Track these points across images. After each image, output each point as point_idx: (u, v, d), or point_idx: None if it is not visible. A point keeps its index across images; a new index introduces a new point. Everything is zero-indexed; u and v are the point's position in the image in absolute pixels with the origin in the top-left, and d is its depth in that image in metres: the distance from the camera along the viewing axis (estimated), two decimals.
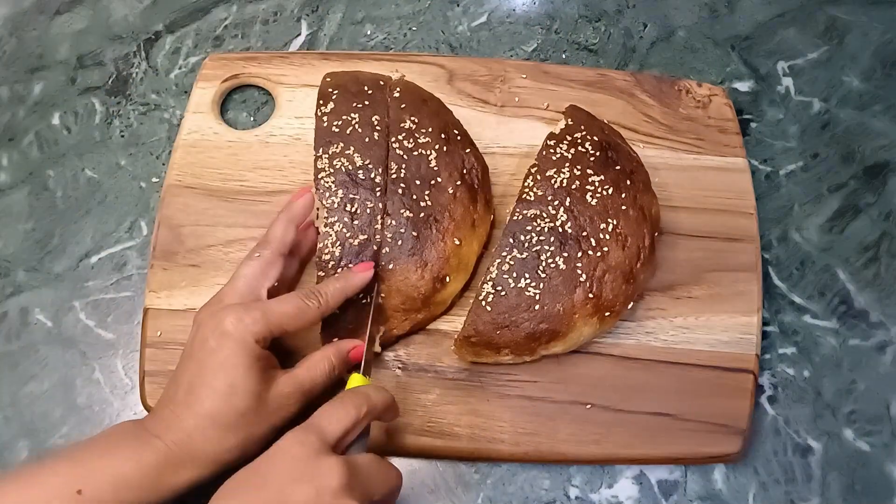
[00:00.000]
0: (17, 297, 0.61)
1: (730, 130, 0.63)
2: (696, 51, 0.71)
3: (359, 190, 0.53)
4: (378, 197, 0.53)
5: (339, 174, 0.53)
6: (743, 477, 0.53)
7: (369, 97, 0.56)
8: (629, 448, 0.52)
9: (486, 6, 0.74)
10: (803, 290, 0.60)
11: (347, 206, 0.52)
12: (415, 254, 0.52)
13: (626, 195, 0.53)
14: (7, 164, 0.67)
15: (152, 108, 0.70)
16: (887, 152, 0.65)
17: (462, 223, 0.54)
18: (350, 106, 0.56)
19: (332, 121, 0.55)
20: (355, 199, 0.52)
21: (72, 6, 0.76)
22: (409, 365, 0.55)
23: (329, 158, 0.54)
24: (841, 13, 0.72)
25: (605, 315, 0.52)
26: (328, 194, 0.53)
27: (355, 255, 0.51)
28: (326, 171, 0.53)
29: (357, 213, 0.52)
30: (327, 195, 0.53)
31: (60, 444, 0.55)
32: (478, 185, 0.56)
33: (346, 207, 0.52)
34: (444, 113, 0.59)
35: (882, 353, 0.57)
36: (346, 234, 0.52)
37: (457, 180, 0.55)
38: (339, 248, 0.51)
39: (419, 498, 0.53)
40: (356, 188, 0.53)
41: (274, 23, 0.74)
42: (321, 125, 0.55)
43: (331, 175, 0.53)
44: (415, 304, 0.53)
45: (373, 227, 0.52)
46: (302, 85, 0.65)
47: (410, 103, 0.57)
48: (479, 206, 0.55)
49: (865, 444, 0.54)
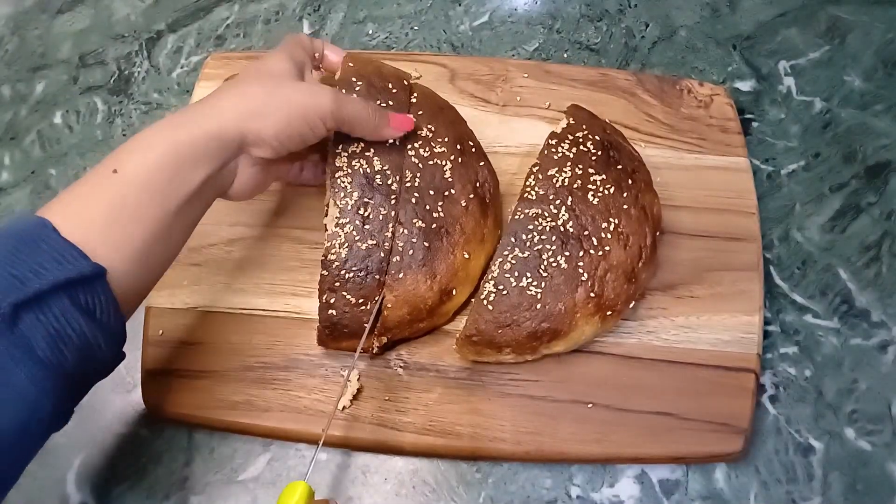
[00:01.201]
0: None
1: (731, 130, 0.63)
2: (697, 50, 0.71)
3: (374, 195, 0.52)
4: (392, 205, 0.52)
5: (357, 176, 0.52)
6: (744, 476, 0.53)
7: (394, 97, 0.54)
8: (631, 447, 0.52)
9: (488, 5, 0.74)
10: (805, 290, 0.60)
11: (361, 210, 0.51)
12: (425, 265, 0.52)
13: (627, 194, 0.53)
14: (9, 162, 0.68)
15: (154, 107, 0.70)
16: (889, 152, 0.65)
17: (472, 237, 0.53)
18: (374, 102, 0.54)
19: None
20: (369, 204, 0.51)
21: (74, 5, 0.76)
22: (411, 364, 0.55)
23: (348, 158, 0.52)
24: (842, 13, 0.72)
25: (606, 314, 0.52)
26: (343, 195, 0.51)
27: (361, 260, 0.51)
28: (344, 170, 0.52)
29: (369, 218, 0.51)
30: (342, 195, 0.51)
31: (61, 444, 0.55)
32: (489, 199, 0.55)
33: (359, 210, 0.51)
34: (459, 123, 0.58)
35: (883, 352, 0.57)
36: (355, 237, 0.51)
37: (470, 193, 0.54)
38: (347, 250, 0.51)
39: (421, 497, 0.53)
40: (372, 193, 0.52)
41: (276, 22, 0.74)
42: None
43: (348, 175, 0.52)
44: (420, 314, 0.52)
45: (383, 234, 0.51)
46: None
47: (428, 110, 0.56)
48: (490, 220, 0.55)
49: (867, 443, 0.54)
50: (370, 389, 0.54)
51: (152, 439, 0.55)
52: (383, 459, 0.54)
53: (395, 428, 0.53)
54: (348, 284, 0.51)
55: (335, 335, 0.52)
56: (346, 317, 0.51)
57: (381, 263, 0.51)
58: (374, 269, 0.51)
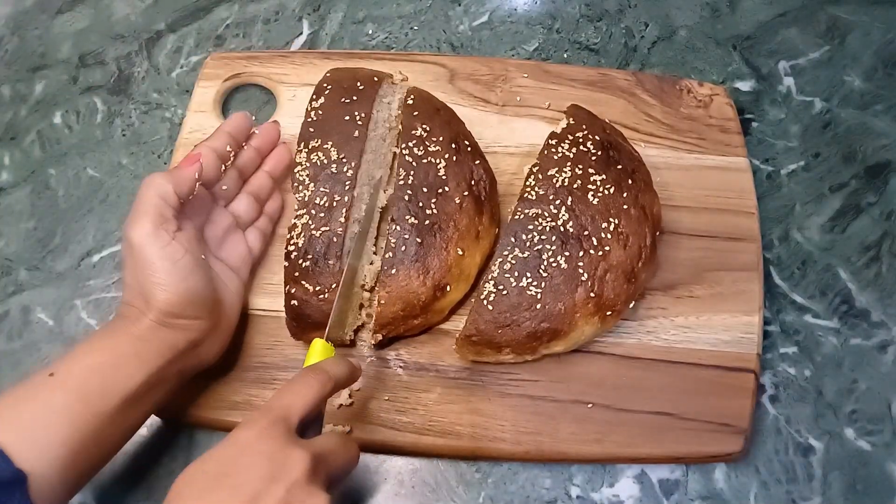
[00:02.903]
0: (19, 295, 0.61)
1: (731, 130, 0.63)
2: (697, 50, 0.71)
3: (328, 183, 0.53)
4: (346, 190, 0.53)
5: (314, 168, 0.54)
6: (744, 476, 0.53)
7: (359, 93, 0.57)
8: (630, 447, 0.52)
9: (488, 5, 0.74)
10: (805, 290, 0.60)
11: (317, 200, 0.53)
12: (418, 260, 0.52)
13: (627, 194, 0.53)
14: (9, 162, 0.68)
15: (154, 107, 0.70)
16: (889, 152, 0.65)
17: (466, 234, 0.54)
18: (338, 101, 0.56)
19: (317, 115, 0.56)
20: (325, 193, 0.53)
21: (73, 5, 0.76)
22: (411, 364, 0.55)
23: (307, 153, 0.55)
24: (842, 13, 0.72)
25: (606, 314, 0.52)
26: (301, 188, 0.54)
27: (315, 248, 0.52)
28: (303, 165, 0.54)
29: (324, 206, 0.53)
30: (300, 189, 0.54)
31: None
32: (485, 197, 0.56)
33: (315, 200, 0.53)
34: (455, 123, 0.59)
35: (883, 352, 0.57)
36: (311, 227, 0.53)
37: (464, 191, 0.54)
38: (303, 239, 0.53)
39: (420, 497, 0.53)
40: (327, 181, 0.54)
41: (275, 22, 0.74)
42: (307, 120, 0.56)
43: (306, 169, 0.54)
44: (413, 310, 0.53)
45: (336, 220, 0.53)
46: (303, 84, 0.65)
47: (423, 111, 0.57)
48: (485, 217, 0.55)
49: (867, 443, 0.54)
50: (370, 389, 0.54)
51: (152, 439, 0.55)
52: (383, 459, 0.54)
53: (395, 428, 0.53)
54: (307, 273, 0.52)
55: (302, 326, 0.53)
56: (308, 306, 0.52)
57: (334, 249, 0.52)
58: (328, 254, 0.52)
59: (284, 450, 0.39)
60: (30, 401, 0.42)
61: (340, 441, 0.44)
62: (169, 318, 0.46)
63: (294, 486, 0.38)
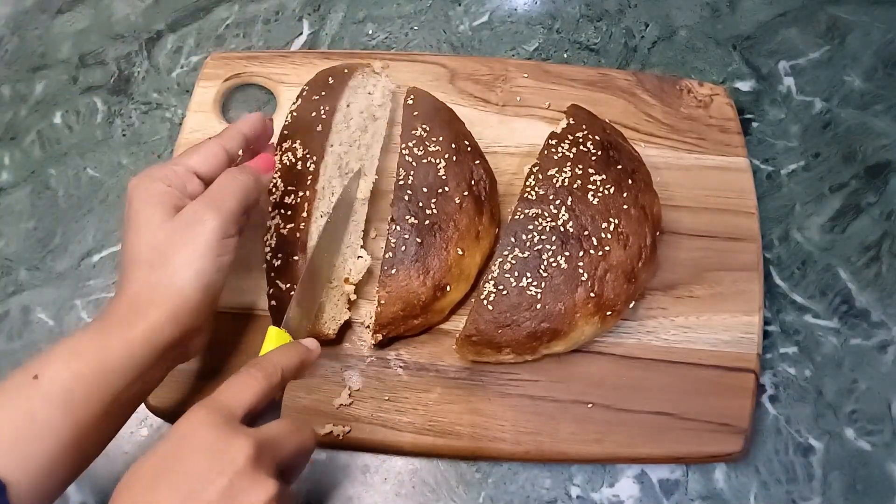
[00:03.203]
0: (19, 295, 0.61)
1: (731, 130, 0.63)
2: (697, 50, 0.71)
3: (294, 180, 0.53)
4: (308, 185, 0.53)
5: (283, 168, 0.54)
6: (744, 476, 0.53)
7: (328, 87, 0.57)
8: (630, 447, 0.52)
9: (488, 5, 0.74)
10: (805, 290, 0.60)
11: (286, 199, 0.53)
12: (418, 260, 0.52)
13: (627, 194, 0.53)
14: (9, 162, 0.68)
15: (154, 107, 0.70)
16: (889, 152, 0.65)
17: (466, 234, 0.54)
18: (310, 100, 0.57)
19: (291, 118, 0.56)
20: (293, 191, 0.53)
21: (73, 5, 0.76)
22: (411, 364, 0.55)
23: (280, 156, 0.55)
24: (842, 13, 0.72)
25: (606, 314, 0.52)
26: (274, 190, 0.54)
27: (282, 246, 0.52)
28: (276, 168, 0.54)
29: (291, 205, 0.53)
30: (273, 190, 0.54)
31: None
32: (485, 197, 0.56)
33: (285, 200, 0.53)
34: (456, 123, 0.59)
35: (883, 352, 0.57)
36: (280, 226, 0.53)
37: (464, 191, 0.54)
38: (274, 239, 0.53)
39: (420, 497, 0.53)
40: (293, 179, 0.54)
41: (275, 22, 0.74)
42: (283, 124, 0.56)
43: (278, 171, 0.54)
44: (413, 310, 0.53)
45: (300, 216, 0.52)
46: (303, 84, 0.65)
47: (423, 112, 0.57)
48: (485, 217, 0.55)
49: (867, 443, 0.54)
50: (370, 389, 0.54)
51: (152, 439, 0.55)
52: (383, 459, 0.54)
53: (395, 428, 0.53)
54: (280, 272, 0.52)
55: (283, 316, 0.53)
56: (284, 304, 0.51)
57: (299, 244, 0.52)
58: (293, 250, 0.52)
59: (225, 439, 0.38)
60: (10, 409, 0.40)
61: (290, 426, 0.43)
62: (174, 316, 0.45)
63: (237, 476, 0.37)
